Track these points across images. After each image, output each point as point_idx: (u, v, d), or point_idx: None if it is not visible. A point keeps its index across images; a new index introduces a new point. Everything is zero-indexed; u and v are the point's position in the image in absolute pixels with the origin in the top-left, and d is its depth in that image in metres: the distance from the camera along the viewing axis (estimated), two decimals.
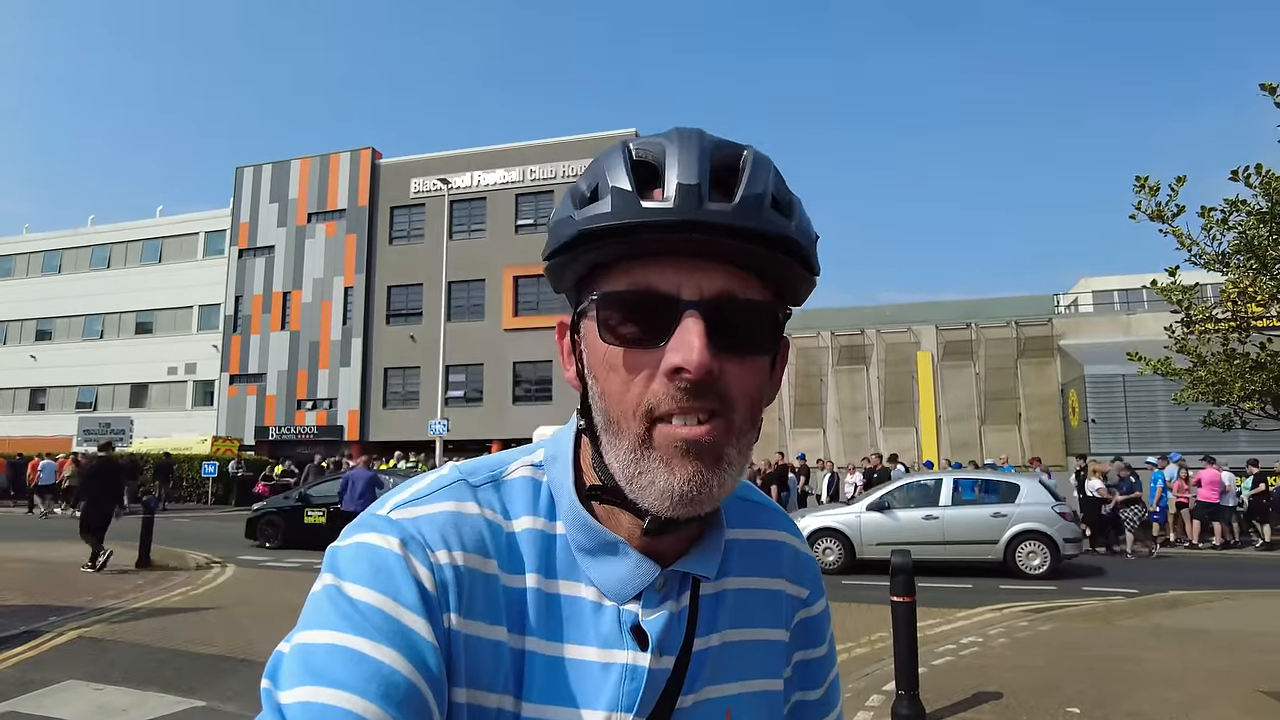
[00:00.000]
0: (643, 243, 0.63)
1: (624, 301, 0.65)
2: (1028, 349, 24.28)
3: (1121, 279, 35.99)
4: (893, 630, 5.14)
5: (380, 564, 0.62)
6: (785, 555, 0.83)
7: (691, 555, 0.72)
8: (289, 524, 14.91)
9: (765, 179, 0.65)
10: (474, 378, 31.90)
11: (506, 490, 0.72)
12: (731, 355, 0.64)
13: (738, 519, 0.81)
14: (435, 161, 33.81)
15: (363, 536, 0.65)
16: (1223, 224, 4.82)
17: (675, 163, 0.63)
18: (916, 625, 5.23)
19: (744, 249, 0.63)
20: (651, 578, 0.69)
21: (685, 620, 0.71)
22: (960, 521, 11.68)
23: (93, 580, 10.14)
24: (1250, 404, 5.22)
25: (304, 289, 35.21)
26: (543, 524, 0.71)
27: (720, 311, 0.63)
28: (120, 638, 7.15)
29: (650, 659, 0.67)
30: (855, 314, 27.69)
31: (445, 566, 0.64)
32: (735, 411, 0.64)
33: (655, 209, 0.62)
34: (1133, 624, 7.92)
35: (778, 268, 0.66)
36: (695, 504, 0.64)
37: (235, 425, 34.83)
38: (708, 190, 0.62)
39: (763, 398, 0.68)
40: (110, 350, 39.60)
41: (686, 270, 0.64)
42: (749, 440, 0.67)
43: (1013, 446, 22.30)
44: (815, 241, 0.69)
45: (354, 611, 0.59)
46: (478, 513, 0.68)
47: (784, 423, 25.97)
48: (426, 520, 0.66)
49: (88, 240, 41.85)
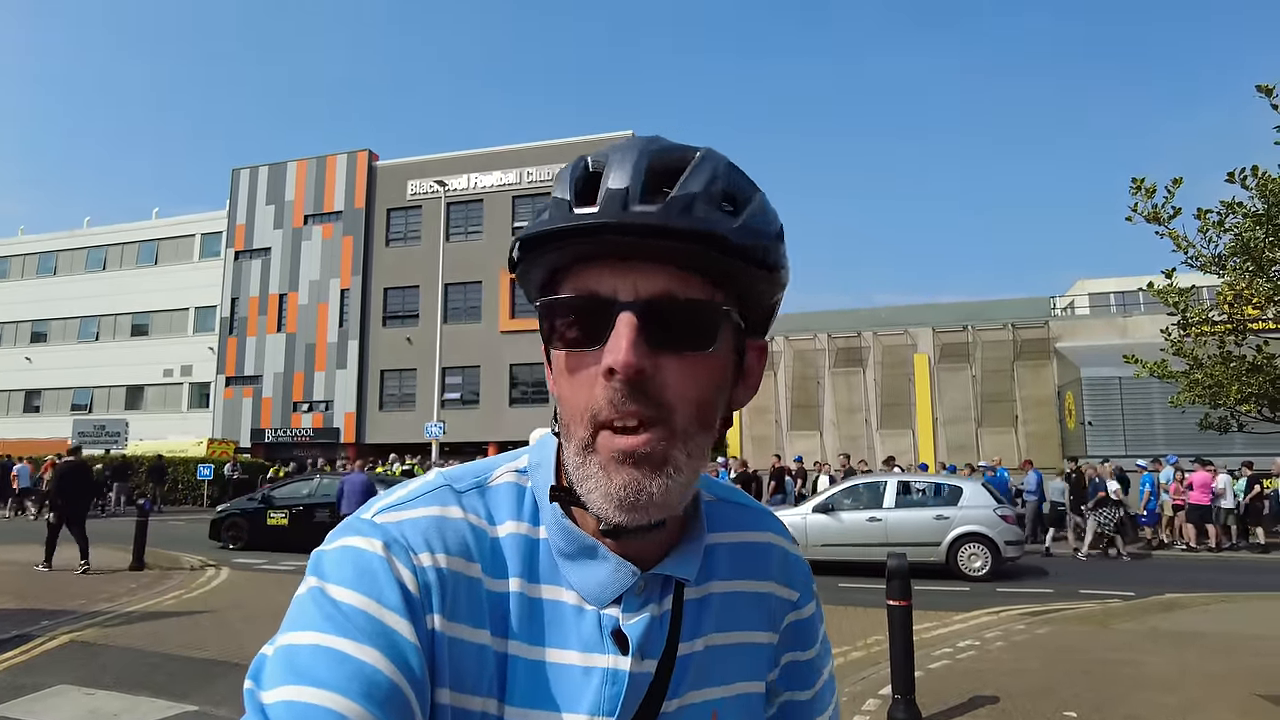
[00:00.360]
0: (579, 249, 0.65)
1: (562, 307, 0.67)
2: (1024, 351, 24.29)
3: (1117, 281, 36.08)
4: (889, 634, 5.12)
5: (364, 566, 0.63)
6: (774, 557, 0.83)
7: (671, 558, 0.72)
8: (252, 526, 15.07)
9: (705, 179, 0.65)
10: (470, 380, 31.85)
11: (491, 496, 0.72)
12: (669, 353, 0.64)
13: (725, 522, 0.81)
14: (432, 164, 33.78)
15: (347, 540, 0.66)
16: (1219, 226, 4.81)
17: (612, 170, 0.65)
18: (913, 629, 5.21)
19: (679, 249, 0.63)
20: (631, 581, 0.69)
21: (667, 624, 0.71)
22: (903, 524, 11.84)
23: (86, 583, 10.09)
24: (1247, 406, 5.21)
25: (300, 291, 35.15)
26: (526, 529, 0.71)
27: (656, 311, 0.63)
28: (113, 642, 7.11)
29: (631, 663, 0.67)
30: (852, 316, 27.70)
31: (428, 569, 0.64)
32: (676, 413, 0.64)
33: (582, 214, 0.63)
34: (1129, 627, 7.91)
35: (720, 266, 0.65)
36: (637, 510, 0.64)
37: (231, 428, 34.75)
38: (638, 193, 0.63)
39: (713, 399, 0.68)
40: (106, 352, 39.50)
41: (625, 273, 0.64)
42: (701, 442, 0.67)
43: (1009, 449, 22.31)
44: (773, 237, 0.68)
45: (337, 613, 0.60)
46: (461, 517, 0.69)
47: (781, 425, 25.96)
48: (410, 524, 0.66)
49: (83, 242, 41.77)
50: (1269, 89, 4.57)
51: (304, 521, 14.73)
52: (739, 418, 26.28)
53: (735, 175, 0.68)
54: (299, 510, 14.93)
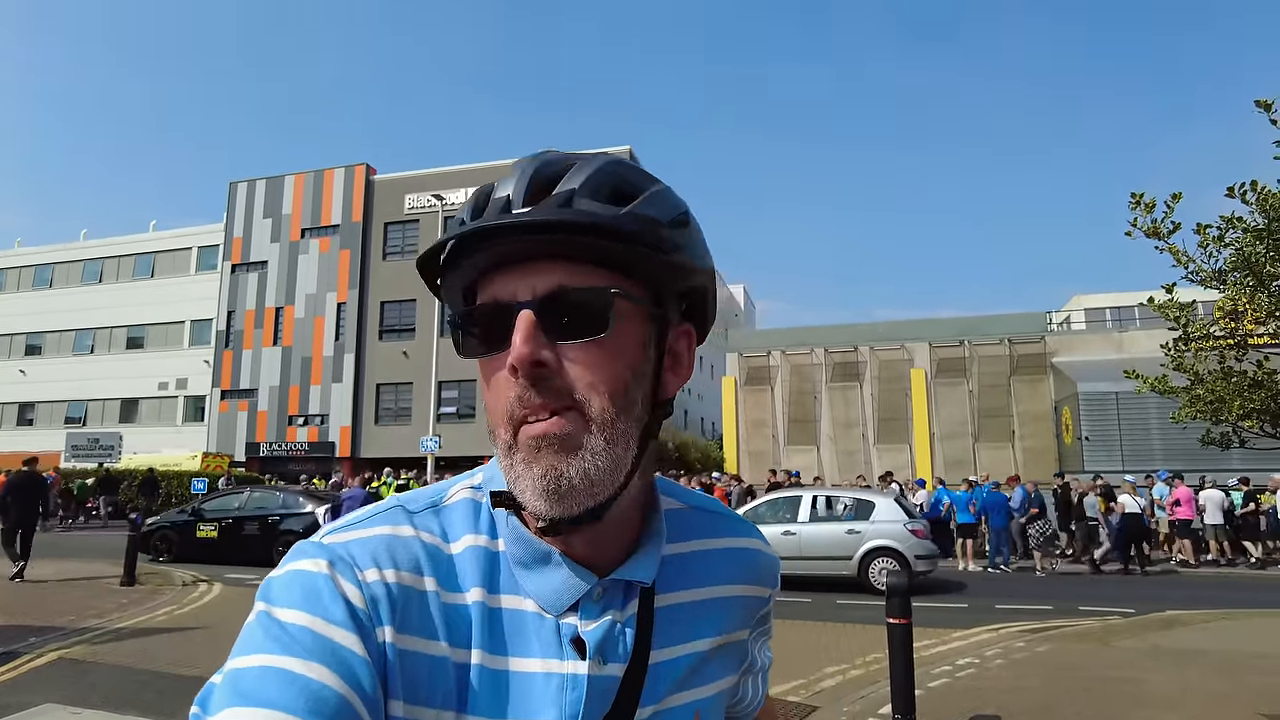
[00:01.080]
0: (476, 260, 0.67)
1: (469, 318, 0.69)
2: (1021, 366, 24.30)
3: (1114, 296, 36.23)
4: (888, 652, 5.06)
5: (309, 586, 0.63)
6: (751, 560, 0.85)
7: (628, 563, 0.72)
8: (182, 538, 15.29)
9: (585, 176, 0.66)
10: (467, 394, 31.77)
11: (446, 514, 0.73)
12: (569, 342, 0.65)
13: (702, 529, 0.82)
14: (429, 178, 33.86)
15: (294, 564, 0.65)
16: (1219, 241, 4.79)
17: (500, 183, 0.68)
18: (913, 647, 5.15)
19: (565, 242, 0.65)
20: (586, 587, 0.69)
21: (633, 628, 0.71)
22: (817, 537, 12.11)
23: (75, 599, 9.97)
24: (1249, 422, 5.18)
25: (297, 304, 35.13)
26: (485, 541, 0.71)
27: (551, 304, 0.65)
28: (101, 659, 7.01)
29: (589, 667, 0.67)
30: (849, 331, 27.69)
31: (374, 584, 0.64)
32: (589, 401, 0.65)
33: (466, 224, 0.66)
34: (1130, 644, 7.84)
35: (612, 255, 0.66)
36: (560, 496, 0.64)
37: (226, 441, 34.61)
38: (520, 198, 0.66)
39: (625, 383, 0.67)
40: (101, 365, 39.39)
41: (524, 275, 0.66)
42: (622, 428, 0.67)
43: (1006, 464, 22.25)
44: (666, 221, 0.69)
45: (283, 633, 0.60)
46: (413, 535, 0.69)
47: (778, 440, 25.90)
48: (358, 543, 0.66)
49: (80, 254, 41.75)
50: (1268, 104, 4.57)
51: (234, 534, 15.03)
52: (735, 432, 26.25)
53: (625, 171, 0.69)
54: (229, 523, 15.18)
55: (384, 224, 34.66)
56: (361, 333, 33.97)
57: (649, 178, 0.71)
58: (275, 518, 15.04)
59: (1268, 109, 4.56)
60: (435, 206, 30.63)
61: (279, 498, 15.85)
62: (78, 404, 39.67)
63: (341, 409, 33.54)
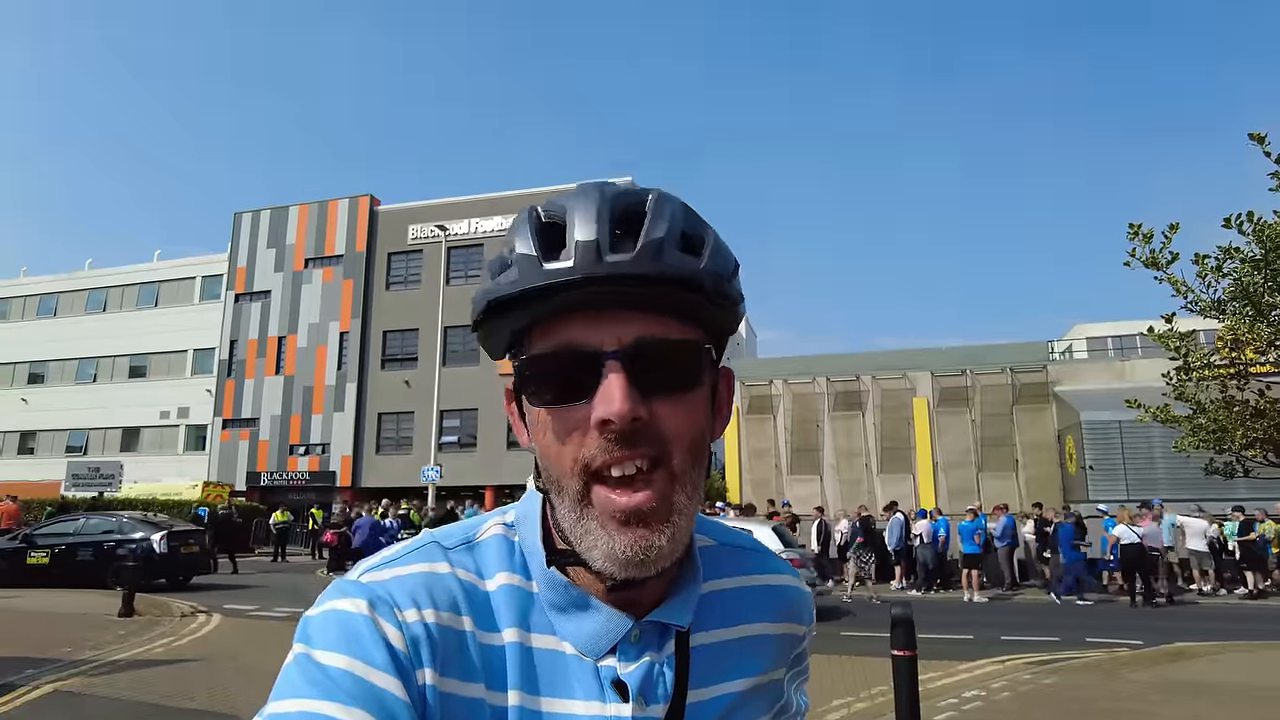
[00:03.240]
0: (554, 304, 0.65)
1: (546, 363, 0.67)
2: (1023, 395, 24.25)
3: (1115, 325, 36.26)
4: (894, 685, 5.00)
5: (349, 628, 0.62)
6: (785, 597, 0.84)
7: (665, 605, 0.72)
8: (11, 566, 15.19)
9: (667, 222, 0.66)
10: (468, 423, 31.72)
11: (480, 551, 0.72)
12: (660, 397, 0.65)
13: (734, 568, 0.81)
14: (433, 209, 34.12)
15: (332, 604, 0.65)
16: (1217, 271, 4.81)
17: (575, 220, 0.65)
18: (918, 679, 5.09)
19: (654, 294, 0.65)
20: (624, 631, 0.69)
21: (672, 670, 0.71)
22: None
23: (73, 631, 9.88)
24: (1252, 451, 5.16)
25: (299, 334, 35.22)
26: (519, 580, 0.71)
27: (641, 357, 0.64)
28: (98, 691, 6.93)
29: (632, 709, 0.67)
30: (851, 360, 27.68)
31: (415, 624, 0.63)
32: (674, 454, 0.65)
33: (557, 270, 0.64)
34: (1139, 677, 7.74)
35: (693, 306, 0.67)
36: (645, 566, 0.65)
37: (227, 470, 34.50)
38: (607, 243, 0.64)
39: (704, 434, 0.69)
40: (103, 394, 39.38)
41: (603, 323, 0.65)
42: (695, 479, 0.68)
43: (1010, 493, 22.10)
44: (732, 272, 0.70)
45: (324, 677, 0.59)
46: (450, 572, 0.69)
47: (781, 470, 25.79)
48: (396, 582, 0.66)
49: (84, 284, 41.94)
50: (1261, 136, 4.61)
51: (66, 560, 15.07)
52: (737, 462, 26.13)
53: (691, 216, 0.70)
54: (61, 550, 15.21)
55: (387, 254, 34.86)
56: (364, 362, 34.02)
57: (704, 221, 0.72)
58: (110, 543, 15.14)
59: (1261, 141, 4.61)
60: (439, 237, 30.83)
61: (114, 522, 15.96)
62: (79, 433, 39.61)
63: (343, 438, 33.48)
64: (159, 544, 15.04)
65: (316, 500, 30.33)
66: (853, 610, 13.23)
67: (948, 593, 16.53)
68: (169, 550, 15.18)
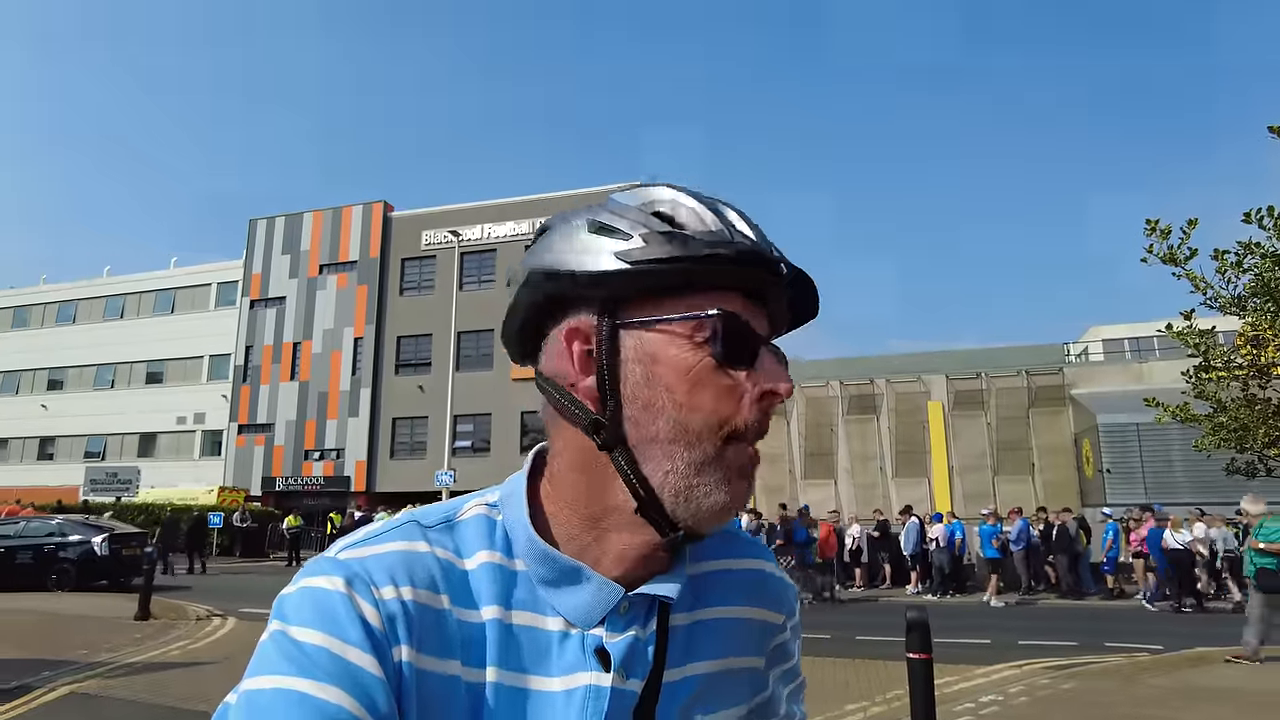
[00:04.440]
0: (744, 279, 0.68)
1: (735, 323, 0.67)
2: (1039, 398, 24.03)
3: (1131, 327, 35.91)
4: (909, 689, 4.94)
5: (324, 605, 0.62)
6: (762, 583, 0.83)
7: (656, 579, 0.72)
8: None
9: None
10: (481, 428, 31.81)
11: (460, 530, 0.72)
12: None
13: (714, 550, 0.81)
14: (446, 214, 34.29)
15: (308, 581, 0.65)
16: (1237, 267, 4.74)
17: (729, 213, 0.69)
18: (934, 683, 5.03)
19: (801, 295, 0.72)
20: (614, 600, 0.69)
21: (653, 645, 0.71)
22: None
23: (89, 633, 9.95)
24: (1274, 450, 5.08)
25: (314, 339, 35.44)
26: (500, 558, 0.71)
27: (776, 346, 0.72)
28: (114, 693, 6.97)
29: (613, 679, 0.67)
30: (864, 364, 27.56)
31: (391, 602, 0.63)
32: None
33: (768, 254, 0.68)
34: (1160, 682, 7.62)
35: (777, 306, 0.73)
36: (731, 517, 0.70)
37: (243, 476, 34.74)
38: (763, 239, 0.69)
39: None
40: (120, 400, 39.79)
41: (752, 309, 0.69)
42: None
43: (1026, 497, 21.89)
44: None
45: (299, 654, 0.60)
46: (428, 550, 0.68)
47: (794, 474, 25.67)
48: (374, 559, 0.66)
49: (102, 291, 42.42)
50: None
51: (6, 564, 15.23)
52: None
53: None
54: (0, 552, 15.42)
55: (401, 260, 35.05)
56: (378, 367, 34.18)
57: None
58: (51, 546, 15.23)
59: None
60: (452, 242, 30.95)
61: (55, 525, 16.04)
62: (97, 438, 40.01)
63: (357, 443, 33.64)
64: (100, 547, 15.24)
65: (331, 505, 30.47)
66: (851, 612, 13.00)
67: (964, 597, 16.40)
68: (110, 553, 15.35)
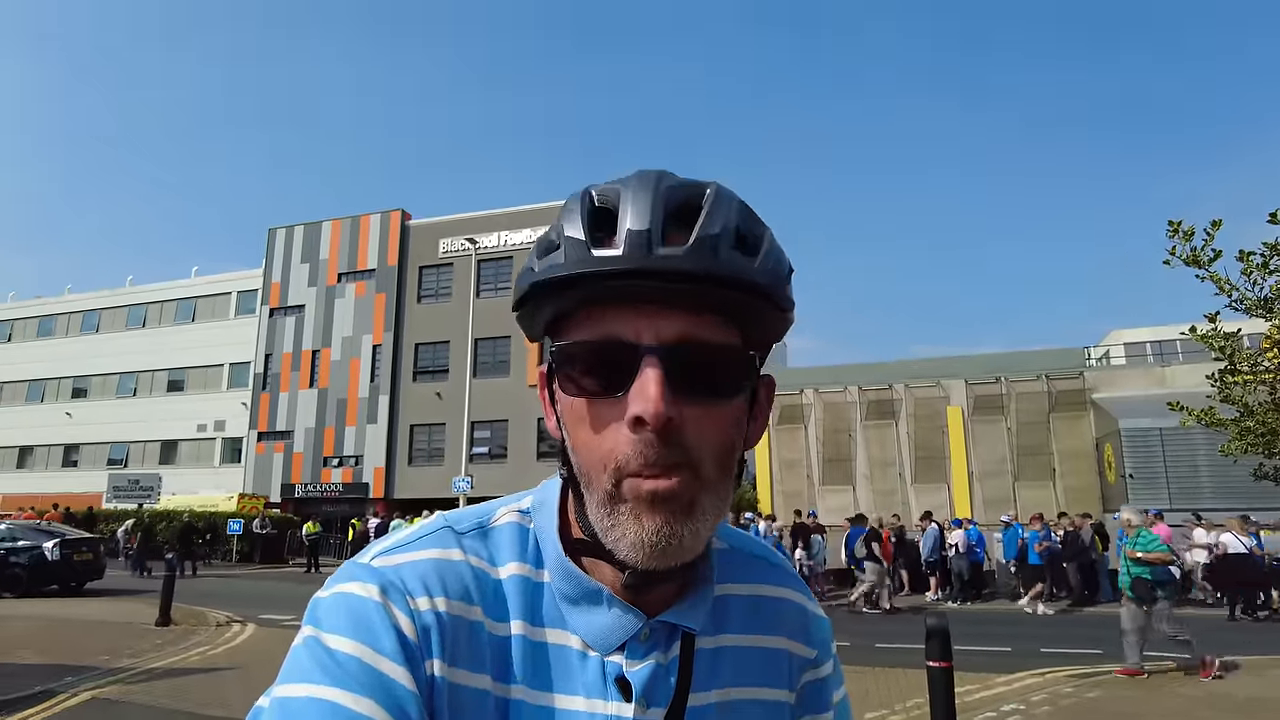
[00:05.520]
0: (597, 291, 0.63)
1: (583, 351, 0.64)
2: (1059, 403, 23.77)
3: (1153, 331, 35.45)
4: (929, 697, 4.88)
5: (359, 613, 0.62)
6: (792, 613, 0.81)
7: (677, 607, 0.70)
8: None
9: (725, 218, 0.63)
10: (499, 434, 31.88)
11: (494, 537, 0.71)
12: (694, 402, 0.62)
13: (742, 573, 0.79)
14: (463, 222, 34.47)
15: (343, 586, 0.64)
16: (1264, 269, 4.66)
17: (629, 208, 0.63)
18: (954, 692, 4.97)
19: (701, 293, 0.62)
20: (635, 629, 0.68)
21: (675, 673, 0.69)
22: None
23: (110, 639, 10.05)
24: None
25: (333, 347, 35.70)
26: (529, 571, 0.70)
27: (680, 357, 0.62)
28: (134, 699, 7.03)
29: (634, 709, 0.66)
30: (883, 369, 27.38)
31: (426, 613, 0.63)
32: (703, 461, 0.63)
33: (605, 257, 0.61)
34: (1187, 691, 7.50)
35: (742, 308, 0.64)
36: (667, 555, 0.63)
37: (262, 483, 35.01)
38: (659, 235, 0.61)
39: (734, 444, 0.66)
40: (142, 408, 40.24)
41: (646, 317, 0.62)
42: (724, 489, 0.66)
43: (1048, 503, 21.64)
44: (786, 276, 0.67)
45: (332, 662, 0.59)
46: (462, 559, 0.67)
47: (813, 480, 25.53)
48: (409, 567, 0.65)
49: (125, 300, 42.96)
50: None
51: None
52: (768, 473, 25.92)
53: (747, 213, 0.67)
54: None
55: (419, 268, 35.26)
56: (396, 374, 34.37)
57: (760, 220, 0.69)
58: (0, 551, 15.39)
59: None
60: (469, 250, 31.10)
61: (5, 530, 16.21)
62: (119, 446, 40.47)
63: (376, 450, 33.82)
64: (50, 552, 15.46)
65: (350, 512, 30.63)
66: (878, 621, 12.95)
67: (983, 604, 16.22)
68: (61, 557, 15.55)
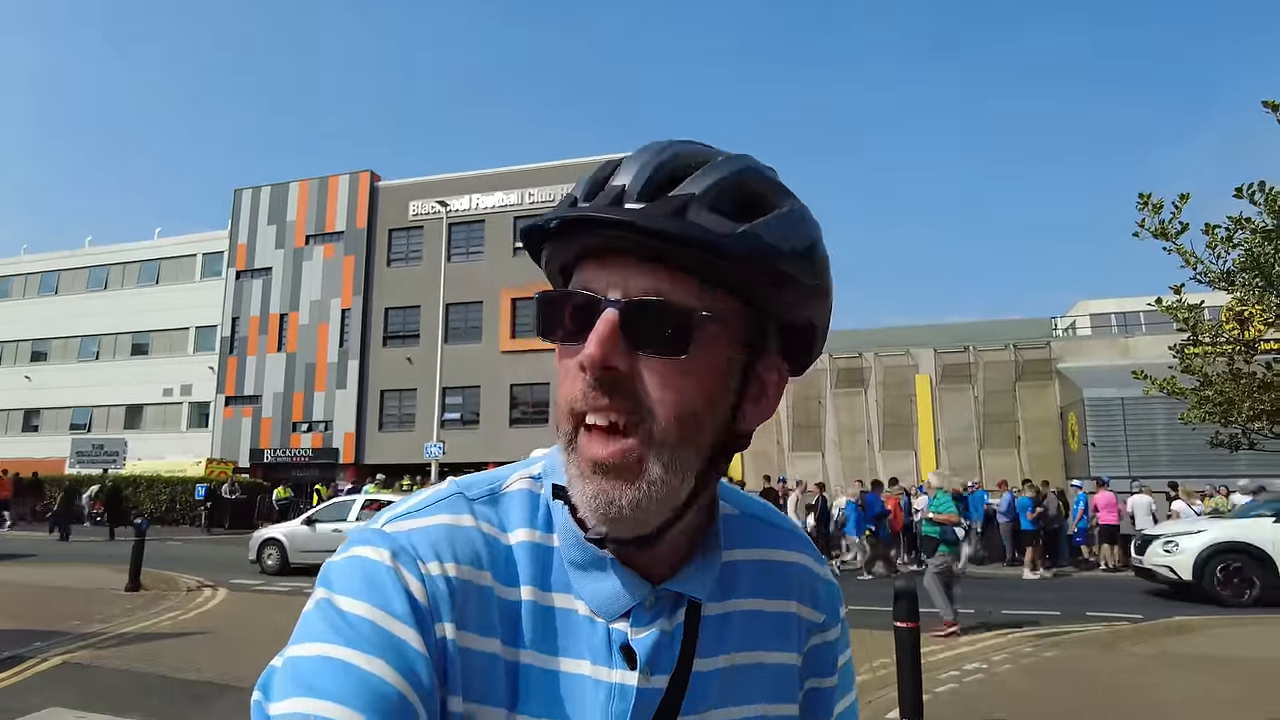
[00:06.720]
0: (577, 244, 0.65)
1: (553, 301, 0.66)
2: (1026, 372, 24.22)
3: (1119, 302, 36.12)
4: (896, 656, 5.03)
5: (371, 576, 0.63)
6: (800, 577, 0.81)
7: (682, 575, 0.70)
8: None
9: (712, 181, 0.62)
10: (470, 400, 31.77)
11: (505, 503, 0.71)
12: (650, 356, 0.62)
13: (751, 538, 0.79)
14: (434, 184, 33.93)
15: (356, 550, 0.65)
16: (1227, 242, 4.77)
17: (623, 167, 0.64)
18: (920, 652, 5.12)
19: (671, 251, 0.61)
20: (640, 596, 0.68)
21: (679, 640, 0.69)
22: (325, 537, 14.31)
23: (81, 604, 9.96)
24: (1258, 424, 5.15)
25: (301, 311, 35.18)
26: (539, 536, 0.70)
27: (641, 311, 0.62)
28: (106, 663, 6.99)
29: (639, 679, 0.66)
30: (853, 336, 27.64)
31: (437, 578, 0.63)
32: (655, 419, 0.62)
33: (576, 209, 0.63)
34: (1140, 650, 7.78)
35: (718, 272, 0.63)
36: (609, 521, 0.63)
37: (230, 448, 34.62)
38: (635, 191, 0.62)
39: (701, 410, 0.64)
40: (105, 371, 39.46)
41: (615, 270, 0.63)
42: (683, 456, 0.64)
43: (1012, 470, 22.15)
44: (793, 251, 0.64)
45: (344, 624, 0.60)
46: (473, 525, 0.68)
47: (782, 446, 25.84)
48: (420, 533, 0.66)
49: (85, 261, 41.89)
50: (1276, 104, 4.55)
51: None
52: None
53: (757, 181, 0.66)
54: None
55: (388, 230, 34.73)
56: (366, 339, 34.00)
57: (784, 193, 0.67)
58: None
59: (1275, 109, 4.54)
60: (440, 213, 30.68)
61: None
62: (82, 410, 39.73)
63: (346, 415, 33.55)
64: None
65: (320, 477, 30.46)
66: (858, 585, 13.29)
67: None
68: None
